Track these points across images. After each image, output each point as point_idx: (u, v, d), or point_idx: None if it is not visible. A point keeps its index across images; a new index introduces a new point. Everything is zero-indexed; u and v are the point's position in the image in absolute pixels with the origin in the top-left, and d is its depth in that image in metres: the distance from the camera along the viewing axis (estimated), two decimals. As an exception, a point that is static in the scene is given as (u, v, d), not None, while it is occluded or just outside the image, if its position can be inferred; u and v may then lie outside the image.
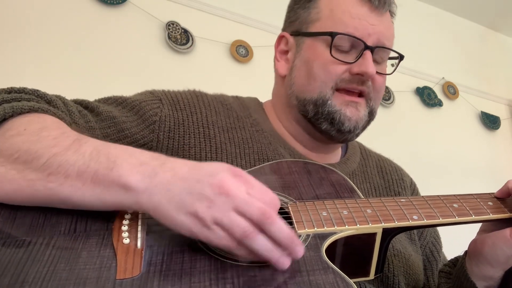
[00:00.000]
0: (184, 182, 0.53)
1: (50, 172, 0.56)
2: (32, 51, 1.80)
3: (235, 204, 0.52)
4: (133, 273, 0.51)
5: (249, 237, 0.51)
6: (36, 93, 0.70)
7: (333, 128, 0.85)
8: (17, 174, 0.56)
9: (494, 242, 0.69)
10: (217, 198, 0.52)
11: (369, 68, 0.82)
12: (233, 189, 0.52)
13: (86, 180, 0.55)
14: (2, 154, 0.58)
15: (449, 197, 0.72)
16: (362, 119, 0.85)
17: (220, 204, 0.51)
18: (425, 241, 0.94)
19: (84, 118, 0.76)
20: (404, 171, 1.04)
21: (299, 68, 0.88)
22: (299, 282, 0.53)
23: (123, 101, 0.85)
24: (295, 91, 0.89)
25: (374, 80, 0.85)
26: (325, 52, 0.84)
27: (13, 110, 0.63)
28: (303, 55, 0.88)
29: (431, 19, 3.06)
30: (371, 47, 0.83)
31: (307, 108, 0.86)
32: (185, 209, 0.52)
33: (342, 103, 0.84)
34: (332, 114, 0.83)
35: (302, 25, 0.90)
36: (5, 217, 0.56)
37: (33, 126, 0.62)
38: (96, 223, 0.58)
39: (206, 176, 0.53)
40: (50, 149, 0.57)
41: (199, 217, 0.51)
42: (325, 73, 0.84)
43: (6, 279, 0.47)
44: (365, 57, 0.82)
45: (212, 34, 2.22)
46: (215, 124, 0.86)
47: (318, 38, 0.86)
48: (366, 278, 0.69)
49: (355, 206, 0.68)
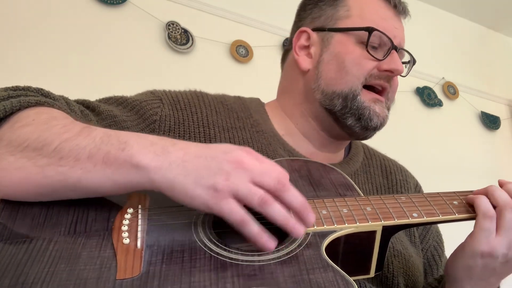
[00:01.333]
0: (199, 159, 0.55)
1: (61, 156, 0.56)
2: (32, 51, 1.81)
3: (252, 176, 0.55)
4: (133, 273, 0.51)
5: (268, 203, 0.54)
6: (40, 92, 0.71)
7: (359, 124, 0.86)
8: (27, 161, 0.56)
9: (453, 257, 0.71)
10: (234, 171, 0.54)
11: (399, 66, 0.87)
12: (249, 162, 0.55)
13: (97, 161, 0.56)
14: (12, 144, 0.58)
15: (449, 194, 0.72)
16: (387, 117, 0.89)
17: (238, 177, 0.54)
18: (427, 245, 0.94)
19: (86, 117, 0.76)
20: (409, 172, 1.04)
21: (327, 62, 0.89)
22: (298, 281, 0.53)
23: (124, 100, 0.85)
24: (321, 85, 0.89)
25: (393, 80, 0.90)
26: (357, 47, 0.87)
27: (20, 104, 0.63)
28: (333, 50, 0.89)
29: (431, 19, 3.06)
30: (397, 47, 0.88)
31: (335, 101, 0.87)
32: (203, 183, 0.54)
33: (370, 100, 0.87)
34: (362, 110, 0.85)
35: (329, 21, 0.91)
36: (5, 217, 0.56)
37: (41, 116, 0.62)
38: (96, 223, 0.58)
39: (221, 153, 0.56)
40: (60, 135, 0.57)
41: (217, 190, 0.53)
42: (358, 68, 0.86)
43: (6, 280, 0.47)
44: (393, 55, 0.87)
45: (212, 34, 2.22)
46: (216, 124, 0.86)
47: (350, 34, 0.88)
48: (367, 276, 0.69)
49: (355, 204, 0.68)
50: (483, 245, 0.65)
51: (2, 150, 0.58)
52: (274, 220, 0.55)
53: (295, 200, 0.56)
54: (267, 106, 0.99)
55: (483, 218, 0.66)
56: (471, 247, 0.67)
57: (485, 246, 0.65)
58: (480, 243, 0.66)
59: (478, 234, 0.66)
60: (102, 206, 0.60)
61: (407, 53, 0.94)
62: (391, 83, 0.89)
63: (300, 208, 0.57)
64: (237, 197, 0.54)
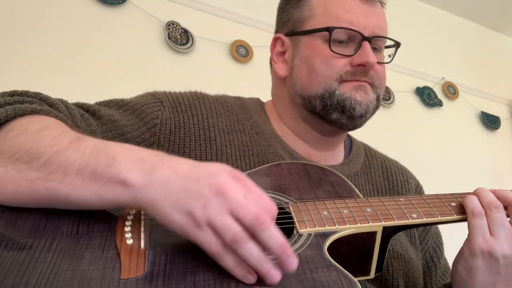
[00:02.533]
0: (183, 180, 0.52)
1: (50, 171, 0.56)
2: (32, 51, 1.80)
3: (230, 206, 0.51)
4: (137, 273, 0.51)
5: (239, 242, 0.50)
6: (38, 96, 0.70)
7: (344, 115, 0.84)
8: (17, 174, 0.56)
9: (456, 260, 0.71)
10: (214, 198, 0.51)
11: (370, 58, 0.82)
12: (231, 191, 0.51)
13: (85, 177, 0.55)
14: (4, 155, 0.58)
15: (447, 196, 0.73)
16: (372, 102, 0.85)
17: (216, 205, 0.50)
18: (426, 246, 0.94)
19: (86, 121, 0.76)
20: (410, 173, 1.03)
21: (299, 67, 0.88)
22: (302, 280, 0.53)
23: (124, 104, 0.85)
24: (298, 90, 0.89)
25: (375, 70, 0.86)
26: (324, 47, 0.84)
27: (15, 112, 0.63)
28: (302, 54, 0.88)
29: (431, 19, 3.07)
30: (369, 37, 0.84)
31: (314, 103, 0.86)
32: (180, 207, 0.51)
33: (351, 89, 0.84)
34: (343, 101, 0.83)
35: (296, 24, 0.90)
36: (7, 219, 0.56)
37: (33, 126, 0.62)
38: (99, 224, 0.58)
39: (206, 176, 0.53)
40: (50, 148, 0.57)
41: (193, 216, 0.50)
42: (327, 68, 0.84)
43: (9, 280, 0.47)
44: (364, 48, 0.83)
45: (212, 34, 2.22)
46: (216, 127, 0.86)
47: (315, 35, 0.86)
48: (367, 277, 0.70)
49: (355, 206, 0.68)
50: (480, 243, 0.66)
51: None
52: (247, 262, 0.51)
53: (272, 242, 0.51)
54: (266, 106, 0.99)
55: (471, 216, 0.68)
56: (469, 248, 0.67)
57: (482, 245, 0.66)
58: (477, 241, 0.66)
59: (472, 233, 0.67)
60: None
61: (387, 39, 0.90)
62: (375, 72, 0.86)
63: (278, 251, 0.51)
64: (211, 228, 0.50)
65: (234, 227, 0.50)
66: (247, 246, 0.50)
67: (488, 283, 0.67)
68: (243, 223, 0.50)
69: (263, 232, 0.50)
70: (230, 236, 0.50)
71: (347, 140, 1.04)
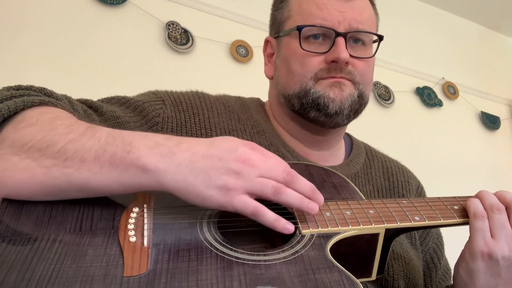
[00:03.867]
0: (207, 160, 0.56)
1: (66, 158, 0.56)
2: (32, 51, 1.80)
3: (260, 171, 0.57)
4: (140, 271, 0.51)
5: (281, 191, 0.57)
6: (43, 91, 0.70)
7: (321, 113, 0.84)
8: (32, 162, 0.56)
9: (458, 262, 0.71)
10: (243, 170, 0.56)
11: (341, 54, 0.81)
12: (255, 159, 0.57)
13: (103, 163, 0.56)
14: (15, 144, 0.58)
15: (449, 199, 0.73)
16: (347, 99, 0.83)
17: (247, 174, 0.56)
18: (427, 247, 0.94)
19: (89, 117, 0.76)
20: (411, 173, 1.03)
21: (280, 67, 0.91)
22: (305, 280, 0.53)
23: (127, 101, 0.85)
24: (280, 90, 0.90)
25: (355, 65, 0.85)
26: (299, 47, 0.84)
27: (24, 104, 0.63)
28: (282, 54, 0.90)
29: (431, 19, 3.07)
30: (343, 33, 0.83)
31: (292, 102, 0.87)
32: (213, 183, 0.55)
33: (326, 86, 0.83)
34: (317, 99, 0.83)
35: (279, 26, 0.92)
36: (10, 214, 0.56)
37: (45, 116, 0.62)
38: (102, 221, 0.58)
39: (227, 152, 0.57)
40: (65, 135, 0.57)
41: (229, 189, 0.55)
42: (301, 67, 0.85)
43: (12, 276, 0.47)
44: (337, 43, 0.82)
45: (212, 34, 2.22)
46: (217, 126, 0.86)
47: (291, 35, 0.87)
48: (368, 279, 0.70)
49: (358, 207, 0.68)
50: (480, 245, 0.66)
51: (6, 150, 0.58)
52: (289, 204, 0.59)
53: (306, 186, 0.61)
54: (266, 106, 1.00)
55: (473, 218, 0.68)
56: (469, 250, 0.67)
57: (483, 247, 0.66)
58: (477, 244, 0.66)
59: (473, 235, 0.67)
60: (108, 205, 0.60)
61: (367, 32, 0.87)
62: (355, 67, 0.85)
63: (310, 194, 0.61)
64: (250, 193, 0.57)
65: (271, 181, 0.58)
66: (288, 191, 0.59)
67: (489, 285, 0.67)
68: (277, 180, 0.58)
69: (296, 182, 0.60)
70: (271, 189, 0.57)
71: (348, 140, 1.04)
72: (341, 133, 0.97)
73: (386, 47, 1.00)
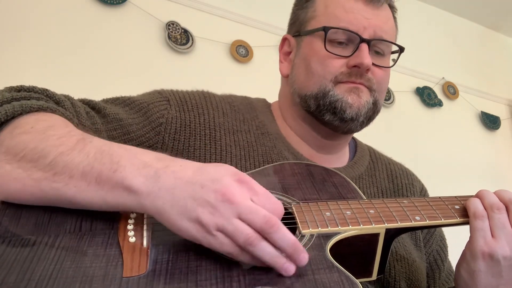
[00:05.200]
0: (188, 187, 0.53)
1: (55, 172, 0.56)
2: (32, 51, 1.80)
3: (238, 211, 0.52)
4: (139, 271, 0.51)
5: (253, 244, 0.52)
6: (45, 93, 0.70)
7: (336, 117, 0.84)
8: (23, 172, 0.57)
9: (459, 262, 0.70)
10: (220, 205, 0.51)
11: (364, 60, 0.81)
12: (237, 196, 0.52)
13: (90, 181, 0.55)
14: (9, 152, 0.58)
15: (450, 199, 0.73)
16: (365, 106, 0.84)
17: (224, 211, 0.51)
18: (430, 249, 0.94)
19: (91, 119, 0.76)
20: (415, 176, 1.03)
21: (298, 66, 0.90)
22: (304, 281, 0.53)
23: (131, 102, 0.85)
24: (296, 89, 0.89)
25: (374, 73, 0.85)
26: (322, 48, 0.84)
27: (22, 109, 0.63)
28: (301, 53, 0.89)
29: (431, 19, 3.07)
30: (367, 39, 0.83)
31: (309, 103, 0.86)
32: (188, 215, 0.52)
33: (345, 90, 0.83)
34: (334, 103, 0.83)
35: (301, 25, 0.91)
36: (10, 215, 0.56)
37: (40, 124, 0.62)
38: (102, 222, 0.58)
39: (210, 181, 0.53)
40: (56, 148, 0.57)
41: (202, 224, 0.51)
42: (322, 68, 0.84)
43: (12, 277, 0.47)
44: (361, 49, 0.82)
45: (212, 34, 2.22)
46: (222, 126, 0.86)
47: (314, 35, 0.87)
48: (369, 279, 0.69)
49: (358, 207, 0.68)
50: (481, 245, 0.65)
51: (0, 157, 0.59)
52: (262, 260, 0.53)
53: (284, 242, 0.53)
54: (272, 106, 0.99)
55: (473, 218, 0.67)
56: (470, 250, 0.67)
57: (483, 247, 0.65)
58: (478, 244, 0.66)
59: (474, 235, 0.67)
60: None
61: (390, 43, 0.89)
62: (374, 75, 0.85)
63: (290, 250, 0.53)
64: (222, 232, 0.52)
65: (246, 229, 0.52)
66: (261, 245, 0.52)
67: (491, 285, 0.67)
68: (254, 227, 0.52)
69: (274, 234, 0.52)
70: (242, 239, 0.51)
71: (352, 142, 1.03)
72: (349, 139, 0.98)
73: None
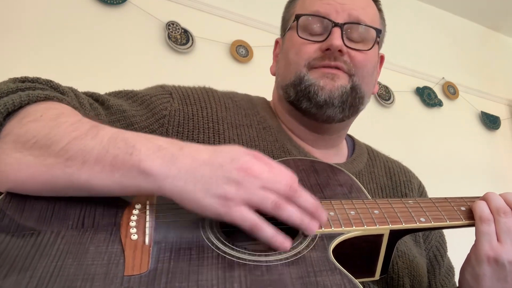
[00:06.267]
0: (208, 167, 0.55)
1: (68, 157, 0.55)
2: (31, 51, 1.80)
3: (262, 183, 0.55)
4: (141, 270, 0.50)
5: (281, 207, 0.55)
6: (49, 84, 0.70)
7: (311, 104, 0.85)
8: (34, 159, 0.56)
9: (464, 266, 0.70)
10: (244, 180, 0.54)
11: (334, 41, 0.83)
12: (257, 169, 0.55)
13: (105, 164, 0.55)
14: (19, 140, 0.57)
15: (457, 200, 0.72)
16: (338, 89, 0.84)
17: (248, 185, 0.54)
18: (430, 245, 0.94)
19: (95, 111, 0.76)
20: (412, 173, 1.03)
21: (280, 60, 0.95)
22: (306, 283, 0.52)
23: (134, 95, 0.85)
24: (279, 82, 0.93)
25: (352, 57, 0.86)
26: (297, 37, 0.87)
27: (29, 98, 0.62)
28: (283, 48, 0.94)
29: (431, 19, 3.06)
30: (339, 23, 0.84)
31: (289, 92, 0.88)
32: (213, 192, 0.53)
33: (318, 76, 0.85)
34: (308, 87, 0.84)
35: (285, 25, 0.96)
36: (12, 210, 0.56)
37: (50, 112, 0.61)
38: (104, 218, 0.57)
39: (229, 160, 0.55)
40: (68, 134, 0.57)
41: (228, 199, 0.53)
42: (297, 55, 0.87)
43: (14, 273, 0.47)
44: (332, 32, 0.84)
45: (212, 34, 2.22)
46: (225, 120, 0.86)
47: (291, 28, 0.91)
48: (372, 279, 0.69)
49: (363, 207, 0.67)
50: (486, 249, 0.65)
51: (9, 146, 0.57)
52: (289, 222, 0.56)
53: (308, 203, 0.58)
54: (271, 104, 1.01)
55: (479, 221, 0.66)
56: (475, 254, 0.66)
57: (488, 251, 0.65)
58: (483, 248, 0.65)
59: (479, 239, 0.66)
60: (110, 201, 0.60)
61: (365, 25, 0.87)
62: (351, 59, 0.85)
63: (312, 210, 0.58)
64: (249, 204, 0.54)
65: (272, 196, 0.55)
66: (287, 207, 0.56)
67: None
68: (278, 193, 0.56)
69: (298, 198, 0.57)
70: (271, 203, 0.55)
71: (350, 141, 1.04)
72: (342, 134, 0.97)
73: (386, 47, 1.01)
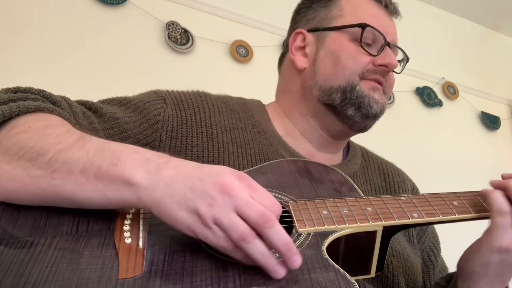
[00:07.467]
0: (187, 179, 0.53)
1: (54, 169, 0.56)
2: (31, 51, 1.80)
3: (236, 204, 0.51)
4: (135, 273, 0.51)
5: (246, 240, 0.51)
6: (41, 94, 0.71)
7: (359, 113, 0.87)
8: (22, 171, 0.57)
9: (469, 253, 0.70)
10: (219, 197, 0.51)
11: (393, 60, 0.89)
12: (236, 189, 0.52)
13: (89, 175, 0.55)
14: (8, 151, 0.58)
15: (449, 195, 0.72)
16: (385, 105, 0.90)
17: (221, 203, 0.51)
18: (424, 245, 0.95)
19: (88, 119, 0.76)
20: (406, 175, 1.04)
21: (323, 59, 0.91)
22: (300, 280, 0.53)
23: (127, 101, 0.85)
24: (319, 81, 0.91)
25: (389, 76, 0.91)
26: (351, 44, 0.89)
27: (19, 109, 0.63)
28: (328, 47, 0.91)
29: (431, 19, 3.06)
30: (390, 43, 0.90)
31: (333, 96, 0.89)
32: (186, 206, 0.52)
33: (370, 88, 0.88)
34: (361, 98, 0.87)
35: (322, 21, 0.94)
36: (7, 217, 0.56)
37: (38, 124, 0.62)
38: (98, 223, 0.58)
39: (210, 175, 0.53)
40: (55, 146, 0.57)
41: (200, 215, 0.51)
42: (353, 62, 0.88)
43: (9, 280, 0.47)
44: (387, 51, 0.89)
45: (212, 34, 2.22)
46: (218, 124, 0.86)
47: (344, 31, 0.90)
48: (367, 276, 0.69)
49: (356, 205, 0.67)
50: (501, 241, 0.64)
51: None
52: (253, 259, 0.52)
53: (277, 239, 0.52)
54: (267, 107, 1.00)
55: (497, 214, 0.65)
56: (488, 244, 0.66)
57: (502, 242, 0.64)
58: (498, 239, 0.65)
59: (495, 231, 0.65)
60: None
61: (400, 50, 0.96)
62: (387, 79, 0.91)
63: (282, 249, 0.52)
64: (219, 226, 0.51)
65: (241, 224, 0.51)
66: (254, 243, 0.51)
67: (498, 274, 0.67)
68: (249, 221, 0.51)
69: (268, 230, 0.51)
70: (237, 234, 0.51)
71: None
72: (348, 138, 1.01)
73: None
